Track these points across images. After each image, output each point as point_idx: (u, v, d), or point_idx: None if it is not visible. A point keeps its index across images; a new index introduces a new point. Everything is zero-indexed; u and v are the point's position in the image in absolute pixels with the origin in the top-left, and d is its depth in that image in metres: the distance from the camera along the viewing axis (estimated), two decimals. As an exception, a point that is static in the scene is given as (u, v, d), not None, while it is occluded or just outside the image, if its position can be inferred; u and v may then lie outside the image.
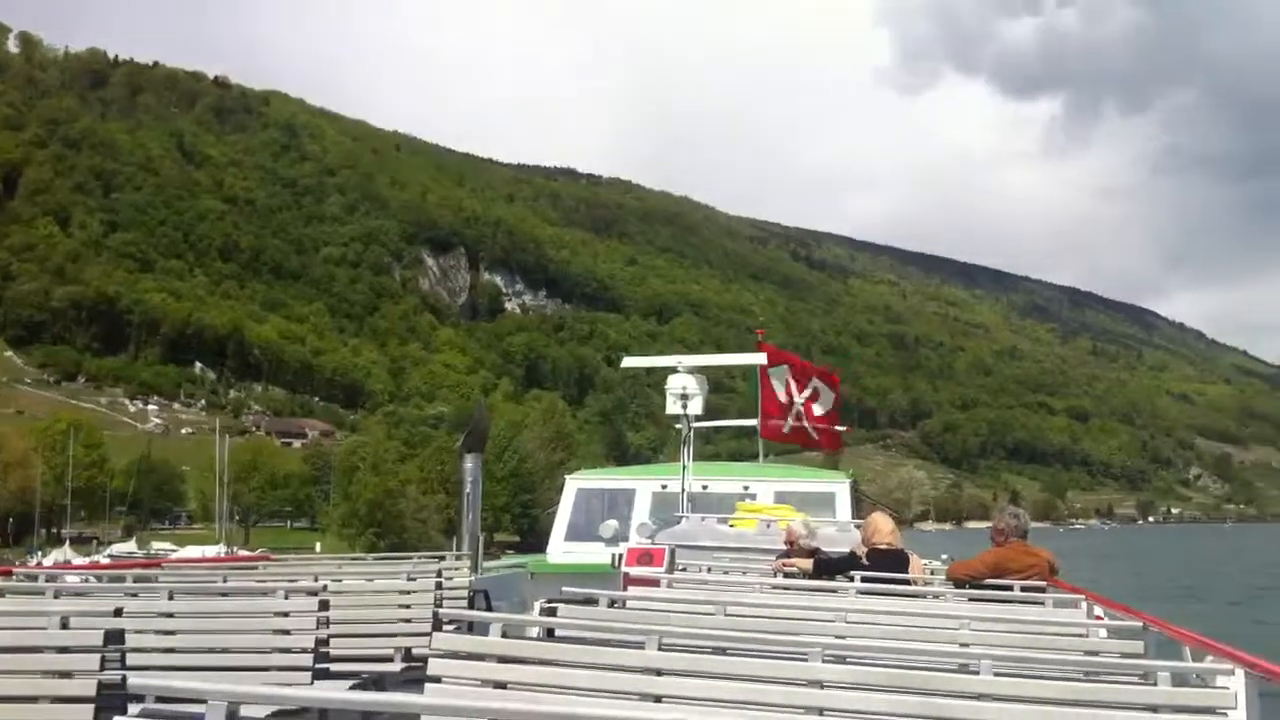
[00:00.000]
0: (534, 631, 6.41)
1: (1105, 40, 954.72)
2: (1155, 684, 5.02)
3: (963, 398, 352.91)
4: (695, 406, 13.50)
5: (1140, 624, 6.79)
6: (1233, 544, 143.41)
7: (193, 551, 58.39)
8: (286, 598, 7.13)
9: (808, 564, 9.68)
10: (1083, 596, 8.14)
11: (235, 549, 70.60)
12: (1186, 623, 7.12)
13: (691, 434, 13.82)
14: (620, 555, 10.82)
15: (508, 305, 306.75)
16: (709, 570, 10.18)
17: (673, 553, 10.22)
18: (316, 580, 8.66)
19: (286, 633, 6.90)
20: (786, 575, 9.61)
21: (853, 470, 18.35)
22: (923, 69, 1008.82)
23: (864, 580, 8.97)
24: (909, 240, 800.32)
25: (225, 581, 9.40)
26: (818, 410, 15.93)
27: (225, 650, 6.95)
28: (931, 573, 10.33)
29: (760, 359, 16.17)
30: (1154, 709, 4.86)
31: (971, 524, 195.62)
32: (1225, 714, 4.81)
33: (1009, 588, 8.74)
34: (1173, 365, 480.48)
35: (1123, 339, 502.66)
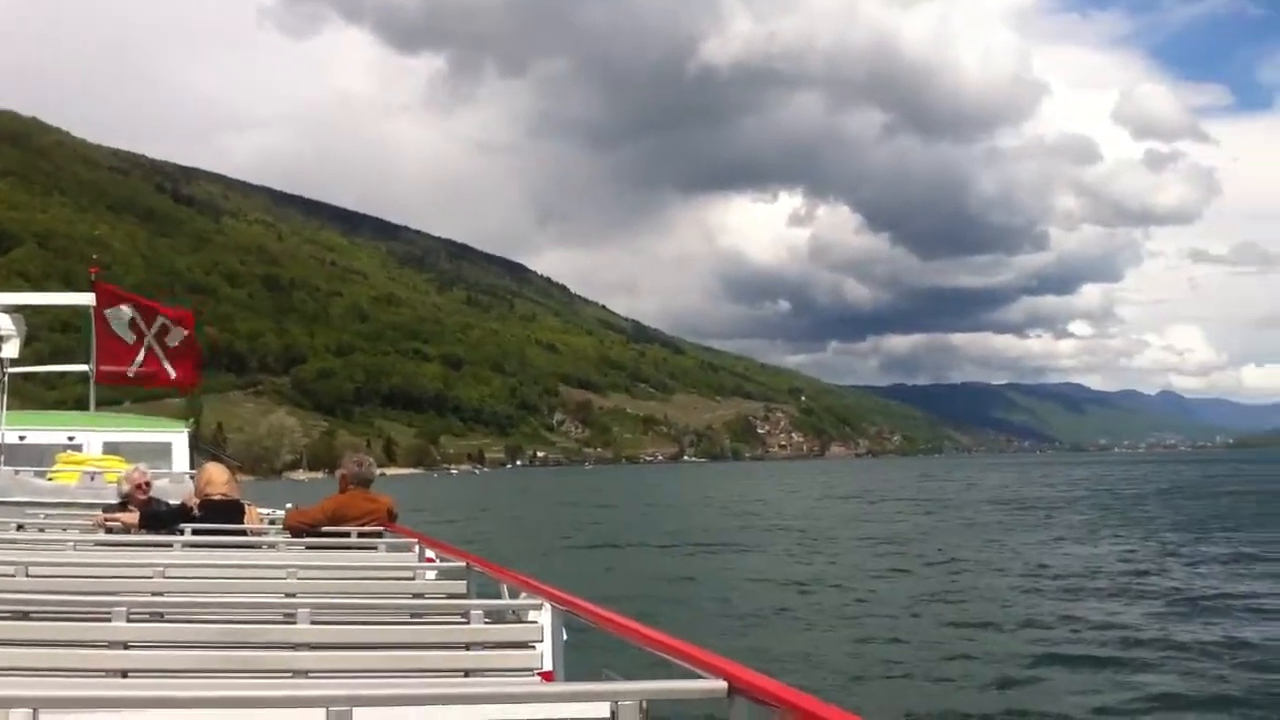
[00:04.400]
0: None
1: (485, 3, 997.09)
2: (470, 622, 5.29)
3: (339, 343, 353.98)
4: (10, 349, 12.12)
5: (464, 564, 6.97)
6: (589, 484, 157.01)
7: None
8: None
9: (133, 518, 9.09)
10: (416, 540, 8.27)
11: None
12: (526, 561, 7.45)
13: (6, 379, 12.34)
14: None
15: None
16: (19, 528, 9.21)
17: (-24, 509, 9.06)
18: None
19: None
20: (109, 530, 8.99)
21: (192, 419, 17.39)
22: (307, 12, 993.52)
23: (195, 533, 8.60)
24: (289, 183, 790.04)
25: None
26: (171, 344, 14.94)
27: None
28: (271, 522, 10.08)
29: (88, 299, 14.83)
30: (467, 646, 5.14)
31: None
32: (534, 646, 5.11)
33: (347, 534, 8.74)
34: (541, 317, 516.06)
35: (496, 290, 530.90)
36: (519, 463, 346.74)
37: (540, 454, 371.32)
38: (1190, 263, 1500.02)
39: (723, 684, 3.10)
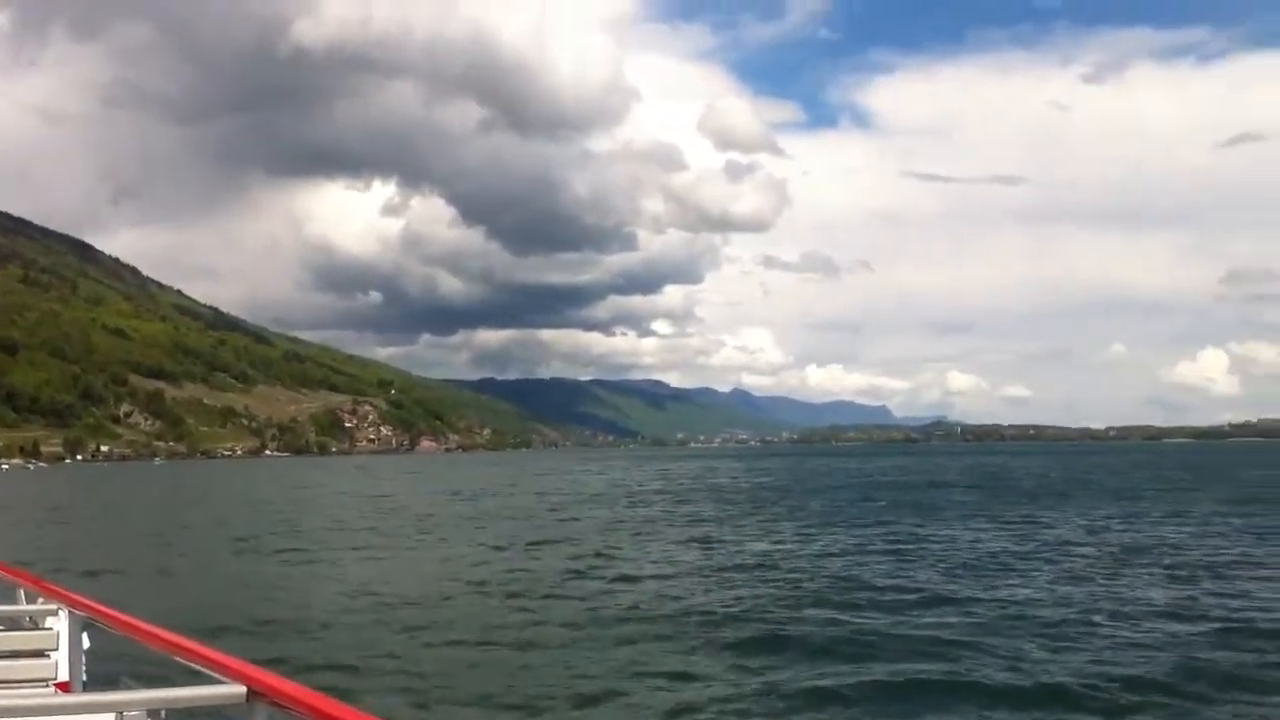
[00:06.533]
0: None
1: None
2: None
3: None
4: None
5: None
6: (157, 481, 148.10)
7: None
8: None
9: None
10: None
11: None
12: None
13: None
14: None
15: None
16: None
17: None
18: None
19: None
20: None
21: None
22: None
23: None
24: None
25: None
26: None
27: None
28: None
29: None
30: None
31: None
32: (49, 655, 4.83)
33: None
34: (109, 300, 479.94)
35: (58, 270, 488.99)
36: (80, 457, 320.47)
37: (105, 448, 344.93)
38: (763, 268, 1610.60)
39: (242, 689, 3.03)
